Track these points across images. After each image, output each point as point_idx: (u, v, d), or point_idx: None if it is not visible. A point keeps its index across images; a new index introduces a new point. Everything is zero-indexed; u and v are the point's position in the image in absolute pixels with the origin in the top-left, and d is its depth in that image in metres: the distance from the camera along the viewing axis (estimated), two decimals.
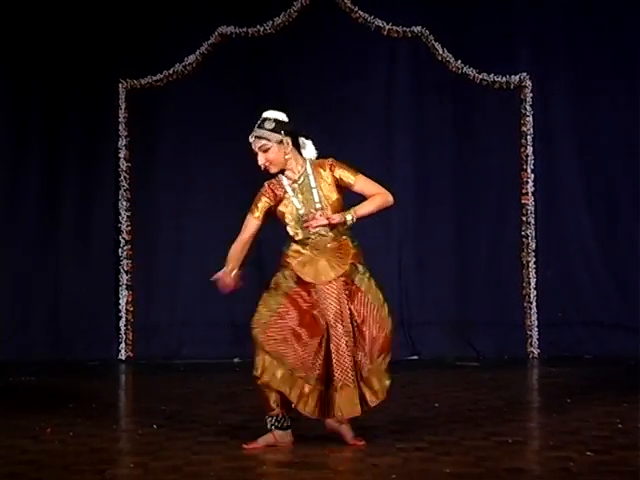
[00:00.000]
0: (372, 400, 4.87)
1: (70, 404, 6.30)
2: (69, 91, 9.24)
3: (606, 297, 9.20)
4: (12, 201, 9.22)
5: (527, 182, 9.27)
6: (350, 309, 4.88)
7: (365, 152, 9.31)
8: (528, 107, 9.27)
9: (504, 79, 9.28)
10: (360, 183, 4.98)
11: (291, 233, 4.97)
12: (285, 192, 4.97)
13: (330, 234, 4.90)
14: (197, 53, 9.22)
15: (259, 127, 4.92)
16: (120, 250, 9.23)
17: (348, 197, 5.06)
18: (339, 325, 4.83)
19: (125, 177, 9.24)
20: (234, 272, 5.06)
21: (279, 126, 4.91)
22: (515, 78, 9.28)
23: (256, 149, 4.92)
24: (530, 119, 9.28)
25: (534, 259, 9.25)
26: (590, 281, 9.23)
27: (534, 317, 9.21)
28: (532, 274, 9.24)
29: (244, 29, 9.24)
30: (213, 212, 9.24)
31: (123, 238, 9.23)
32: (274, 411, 4.84)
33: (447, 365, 8.59)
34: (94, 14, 9.18)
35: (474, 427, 5.33)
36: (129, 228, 9.25)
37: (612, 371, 8.01)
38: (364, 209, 4.91)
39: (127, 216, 9.24)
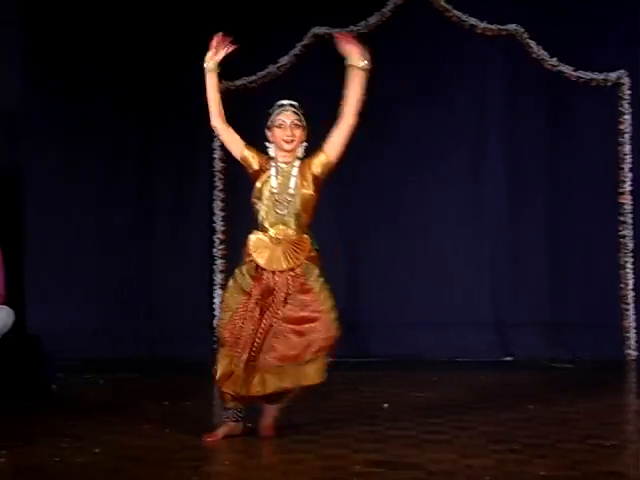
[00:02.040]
0: (297, 383, 5.08)
1: (165, 401, 6.40)
2: (167, 92, 9.37)
3: None
4: (107, 198, 9.40)
5: (624, 181, 9.12)
6: (303, 299, 5.08)
7: (459, 149, 9.29)
8: (626, 105, 9.11)
9: (601, 76, 9.14)
10: (329, 146, 5.26)
11: (263, 212, 5.26)
12: (269, 169, 5.26)
13: (292, 227, 5.16)
14: (290, 54, 9.27)
15: (294, 107, 5.35)
16: (214, 250, 9.34)
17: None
18: (280, 312, 5.04)
19: (220, 178, 9.35)
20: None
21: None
22: (613, 75, 9.13)
23: (289, 120, 5.26)
24: (628, 117, 9.11)
25: (632, 259, 9.09)
26: None
27: (632, 319, 9.05)
28: (630, 275, 9.08)
29: (338, 29, 9.25)
30: None
31: (217, 238, 9.33)
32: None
33: (541, 366, 8.49)
34: (190, 21, 9.30)
35: (570, 430, 5.26)
36: (223, 228, 9.35)
37: None
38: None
39: (221, 216, 9.34)
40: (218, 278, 9.32)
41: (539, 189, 9.26)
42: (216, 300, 9.30)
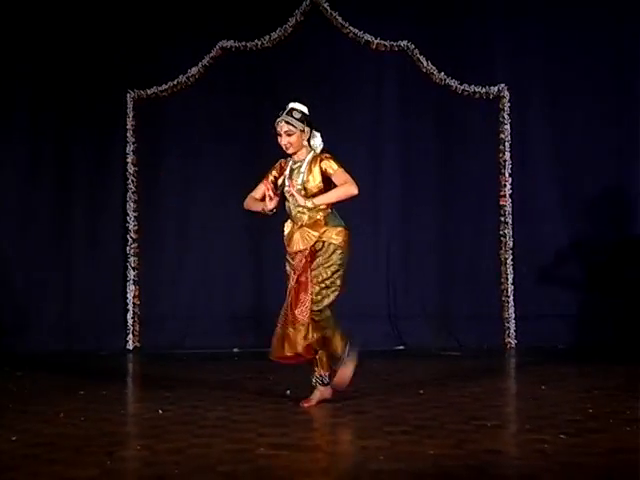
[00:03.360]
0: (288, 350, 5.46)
1: (81, 391, 6.29)
2: (81, 101, 9.25)
3: (577, 291, 9.20)
4: (27, 201, 9.21)
5: (505, 185, 9.30)
6: (311, 274, 5.46)
7: (355, 157, 9.31)
8: (506, 116, 9.30)
9: (484, 90, 9.30)
10: (336, 175, 5.49)
11: (286, 204, 5.58)
12: (285, 170, 5.61)
13: (307, 213, 5.50)
14: (199, 65, 9.23)
15: (288, 114, 5.54)
16: (128, 248, 9.23)
17: None
18: (294, 285, 5.48)
19: (132, 180, 9.24)
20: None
21: (304, 117, 5.56)
22: (494, 89, 9.30)
23: (282, 131, 5.53)
24: (508, 127, 9.30)
25: (511, 256, 9.27)
26: (563, 276, 9.23)
27: (511, 310, 9.23)
28: (509, 270, 9.26)
29: (243, 43, 9.25)
30: (215, 212, 9.25)
31: (131, 237, 9.22)
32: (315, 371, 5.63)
33: (431, 354, 8.59)
34: (104, 31, 9.19)
35: (456, 412, 5.33)
36: (136, 227, 9.24)
37: (584, 360, 8.02)
38: (323, 198, 5.46)
39: (134, 216, 9.24)
40: (131, 274, 9.21)
41: (429, 192, 9.38)
42: (129, 295, 9.19)
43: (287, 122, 5.50)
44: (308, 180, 5.49)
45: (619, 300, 9.04)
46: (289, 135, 5.51)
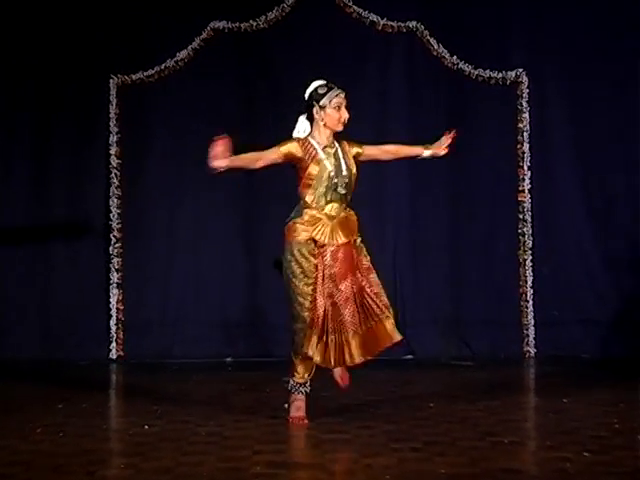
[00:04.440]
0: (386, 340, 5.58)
1: (60, 404, 6.30)
2: (60, 87, 9.24)
3: (603, 296, 9.19)
4: (1, 198, 9.21)
5: (523, 179, 9.28)
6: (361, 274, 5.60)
7: None
8: (524, 103, 9.28)
9: (500, 75, 9.29)
10: (368, 149, 5.81)
11: (318, 193, 5.50)
12: (317, 153, 5.54)
13: (344, 204, 5.57)
14: (189, 48, 9.22)
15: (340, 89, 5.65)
16: (111, 248, 9.22)
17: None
18: (347, 280, 5.47)
19: (116, 174, 9.23)
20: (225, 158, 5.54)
21: None
22: (511, 74, 9.29)
23: (344, 104, 5.66)
24: (526, 115, 9.28)
25: (531, 257, 9.26)
26: (587, 279, 9.23)
27: (530, 316, 9.21)
28: (529, 272, 9.24)
29: (237, 24, 9.24)
30: (205, 209, 9.25)
31: (114, 236, 9.21)
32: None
33: (442, 364, 8.59)
34: (86, 10, 9.19)
35: (470, 427, 5.34)
36: (120, 226, 9.23)
37: (608, 371, 8.02)
38: (433, 148, 6.09)
39: (118, 214, 9.22)
40: (114, 277, 9.20)
41: (440, 187, 9.36)
42: (112, 300, 9.18)
43: (345, 97, 5.68)
44: (350, 165, 5.63)
45: None
46: (348, 111, 5.63)
